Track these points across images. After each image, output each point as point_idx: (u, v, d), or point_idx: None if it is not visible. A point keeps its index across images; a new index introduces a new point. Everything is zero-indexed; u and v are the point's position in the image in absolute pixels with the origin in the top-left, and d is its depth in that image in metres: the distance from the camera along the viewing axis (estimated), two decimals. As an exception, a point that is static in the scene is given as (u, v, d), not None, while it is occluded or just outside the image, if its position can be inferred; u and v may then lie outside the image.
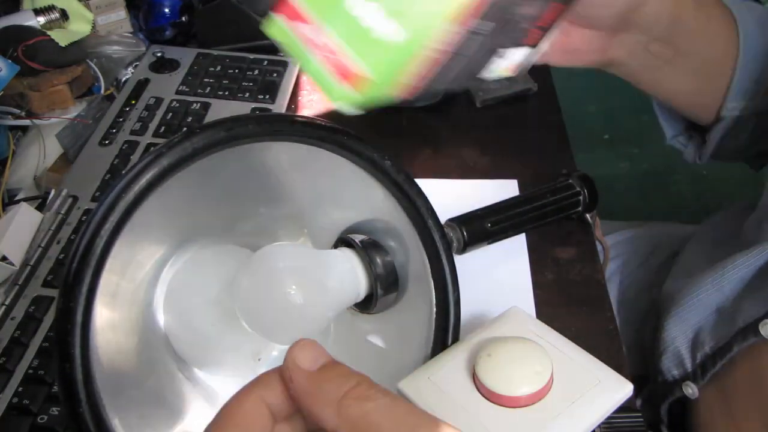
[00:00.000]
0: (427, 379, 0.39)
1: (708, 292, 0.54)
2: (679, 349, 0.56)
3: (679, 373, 0.56)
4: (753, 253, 0.51)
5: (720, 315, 0.53)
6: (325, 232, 0.46)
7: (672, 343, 0.56)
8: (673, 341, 0.56)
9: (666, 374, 0.58)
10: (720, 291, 0.53)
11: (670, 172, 1.78)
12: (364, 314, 0.45)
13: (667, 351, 0.57)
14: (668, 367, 0.57)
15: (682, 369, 0.56)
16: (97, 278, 0.34)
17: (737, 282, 0.52)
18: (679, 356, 0.56)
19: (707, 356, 0.53)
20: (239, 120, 0.38)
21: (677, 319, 0.56)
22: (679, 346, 0.56)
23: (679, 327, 0.56)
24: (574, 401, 0.37)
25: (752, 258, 0.51)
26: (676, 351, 0.56)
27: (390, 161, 0.41)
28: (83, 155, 0.65)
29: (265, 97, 0.71)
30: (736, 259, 0.52)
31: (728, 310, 0.52)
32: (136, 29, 0.81)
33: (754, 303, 0.49)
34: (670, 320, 0.57)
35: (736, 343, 0.50)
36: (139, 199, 0.35)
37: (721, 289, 0.53)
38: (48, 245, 0.56)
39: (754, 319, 0.48)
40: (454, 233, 0.48)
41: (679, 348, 0.56)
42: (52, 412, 0.46)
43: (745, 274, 0.52)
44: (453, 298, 0.41)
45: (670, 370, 0.57)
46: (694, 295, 0.55)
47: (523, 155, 0.67)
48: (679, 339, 0.56)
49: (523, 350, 0.38)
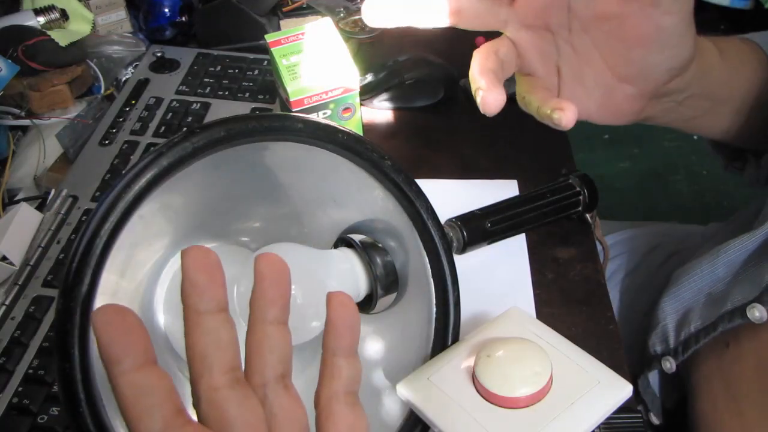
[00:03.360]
0: (427, 379, 0.39)
1: (702, 274, 0.55)
2: (667, 327, 0.57)
3: (662, 348, 0.57)
4: (744, 237, 0.51)
5: (711, 297, 0.54)
6: (325, 232, 0.46)
7: (663, 320, 0.57)
8: (665, 318, 0.57)
9: (650, 349, 0.59)
10: (713, 274, 0.54)
11: (670, 172, 1.78)
12: (364, 314, 0.45)
13: (657, 327, 0.58)
14: (653, 342, 0.58)
15: (665, 345, 0.57)
16: (97, 278, 0.34)
17: (729, 266, 0.53)
18: (666, 333, 0.57)
19: (691, 334, 0.54)
20: (239, 120, 0.38)
21: (671, 298, 0.57)
22: (668, 323, 0.57)
23: (672, 305, 0.57)
24: (573, 402, 0.37)
25: (744, 242, 0.52)
26: (664, 328, 0.57)
27: (390, 161, 0.41)
28: (83, 155, 0.65)
29: (265, 97, 0.71)
30: (729, 244, 0.52)
31: (719, 293, 0.53)
32: (136, 29, 0.81)
33: (744, 287, 0.50)
34: (666, 299, 0.58)
35: (722, 324, 0.50)
36: (139, 199, 0.35)
37: (714, 272, 0.54)
38: (48, 245, 0.56)
39: (742, 303, 0.48)
40: (454, 233, 0.48)
41: (667, 325, 0.57)
42: (52, 412, 0.46)
43: (736, 258, 0.52)
44: (453, 298, 0.41)
45: (654, 345, 0.58)
46: (689, 276, 0.56)
47: (523, 155, 0.67)
48: (669, 317, 0.57)
49: (522, 351, 0.38)
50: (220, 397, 0.28)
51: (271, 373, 0.29)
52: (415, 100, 0.72)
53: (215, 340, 0.28)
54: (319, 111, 0.57)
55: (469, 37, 0.81)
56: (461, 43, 0.65)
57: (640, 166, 1.81)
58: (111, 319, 0.27)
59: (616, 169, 1.81)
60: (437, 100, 0.72)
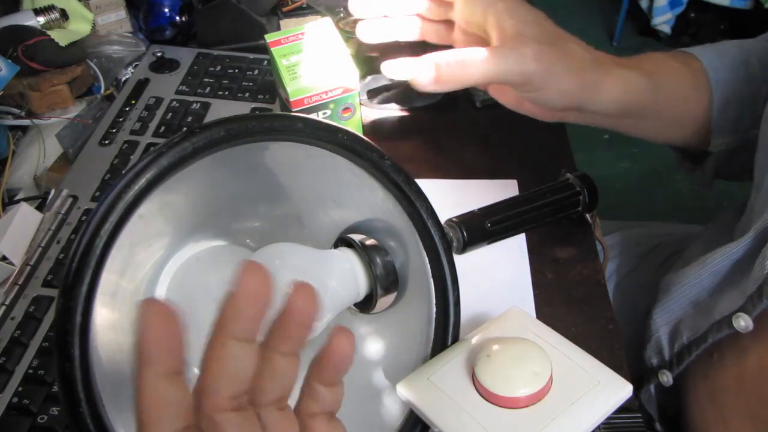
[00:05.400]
0: (427, 379, 0.39)
1: (690, 284, 0.55)
2: (660, 339, 0.57)
3: (658, 361, 0.58)
4: (730, 246, 0.52)
5: (699, 307, 0.54)
6: (325, 232, 0.46)
7: (656, 332, 0.58)
8: (657, 330, 0.58)
9: (647, 362, 0.59)
10: (700, 284, 0.54)
11: (670, 171, 1.78)
12: (364, 314, 0.45)
13: (651, 340, 0.58)
14: (649, 355, 0.59)
15: (660, 357, 0.58)
16: (97, 278, 0.34)
17: (715, 275, 0.53)
18: (660, 345, 0.58)
19: (684, 346, 0.54)
20: (239, 119, 0.38)
21: (663, 309, 0.58)
22: (662, 335, 0.57)
23: (663, 317, 0.57)
24: (573, 402, 0.37)
25: (729, 252, 0.52)
26: (658, 340, 0.58)
27: (390, 161, 0.41)
28: (83, 155, 0.65)
29: (265, 97, 0.71)
30: (716, 253, 0.52)
31: (707, 303, 0.54)
32: (136, 29, 0.81)
33: (730, 296, 0.50)
34: (658, 310, 0.58)
35: (711, 335, 0.51)
36: (139, 199, 0.35)
37: (701, 282, 0.54)
38: (48, 245, 0.56)
39: (729, 312, 0.49)
40: (454, 233, 0.48)
41: (660, 337, 0.57)
42: (52, 412, 0.46)
43: (721, 268, 0.53)
44: (453, 298, 0.41)
45: (650, 358, 0.59)
46: (679, 286, 0.56)
47: (523, 155, 0.67)
48: (662, 329, 0.57)
49: (522, 351, 0.38)
50: (222, 419, 0.28)
51: (270, 398, 0.29)
52: (415, 100, 0.72)
53: (234, 366, 0.28)
54: (319, 111, 0.57)
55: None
56: (461, 43, 0.65)
57: (640, 166, 1.81)
58: (162, 318, 0.27)
59: (616, 169, 1.81)
60: (437, 100, 0.72)
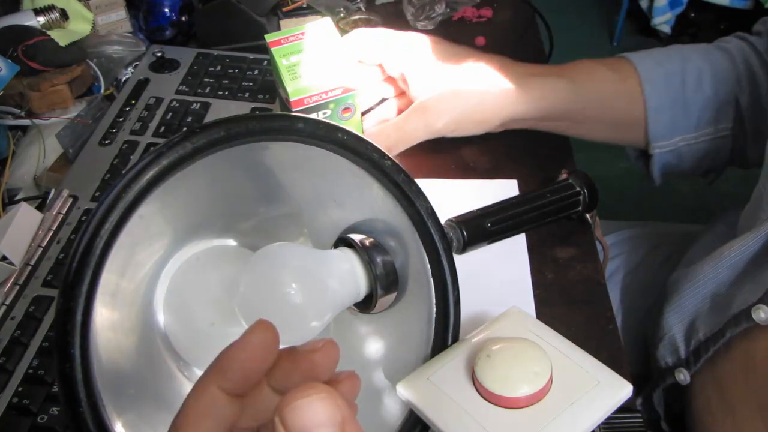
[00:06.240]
0: (427, 379, 0.39)
1: (705, 279, 0.55)
2: (675, 337, 0.57)
3: (673, 360, 0.57)
4: (747, 239, 0.51)
5: (715, 302, 0.54)
6: (325, 232, 0.46)
7: (669, 330, 0.57)
8: (671, 329, 0.57)
9: (660, 361, 0.58)
10: (716, 278, 0.54)
11: (670, 172, 1.78)
12: (364, 314, 0.45)
13: (664, 339, 0.58)
14: (663, 355, 0.58)
15: (676, 356, 0.57)
16: (97, 278, 0.34)
17: (732, 269, 0.53)
18: (675, 344, 0.57)
19: (701, 343, 0.54)
20: (239, 120, 0.38)
21: (676, 307, 0.57)
22: (676, 333, 0.57)
23: (677, 315, 0.57)
24: (573, 402, 0.37)
25: (746, 244, 0.51)
26: (672, 339, 0.57)
27: (389, 161, 0.41)
28: (83, 155, 0.65)
29: (265, 97, 0.71)
30: (732, 246, 0.52)
31: (723, 297, 0.53)
32: (136, 29, 0.81)
33: (748, 289, 0.50)
34: (669, 309, 0.57)
35: (729, 329, 0.50)
36: (139, 199, 0.35)
37: (717, 276, 0.54)
38: (48, 245, 0.56)
39: (748, 305, 0.48)
40: (454, 233, 0.48)
41: (675, 336, 0.57)
42: (52, 412, 0.46)
43: (739, 261, 0.52)
44: (453, 298, 0.41)
45: (665, 357, 0.58)
46: (692, 283, 0.56)
47: (523, 155, 0.67)
48: (675, 327, 0.57)
49: (522, 351, 0.38)
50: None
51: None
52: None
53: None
54: (319, 111, 0.57)
55: (469, 37, 0.81)
56: (461, 43, 0.65)
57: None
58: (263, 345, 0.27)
59: (616, 169, 1.80)
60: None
